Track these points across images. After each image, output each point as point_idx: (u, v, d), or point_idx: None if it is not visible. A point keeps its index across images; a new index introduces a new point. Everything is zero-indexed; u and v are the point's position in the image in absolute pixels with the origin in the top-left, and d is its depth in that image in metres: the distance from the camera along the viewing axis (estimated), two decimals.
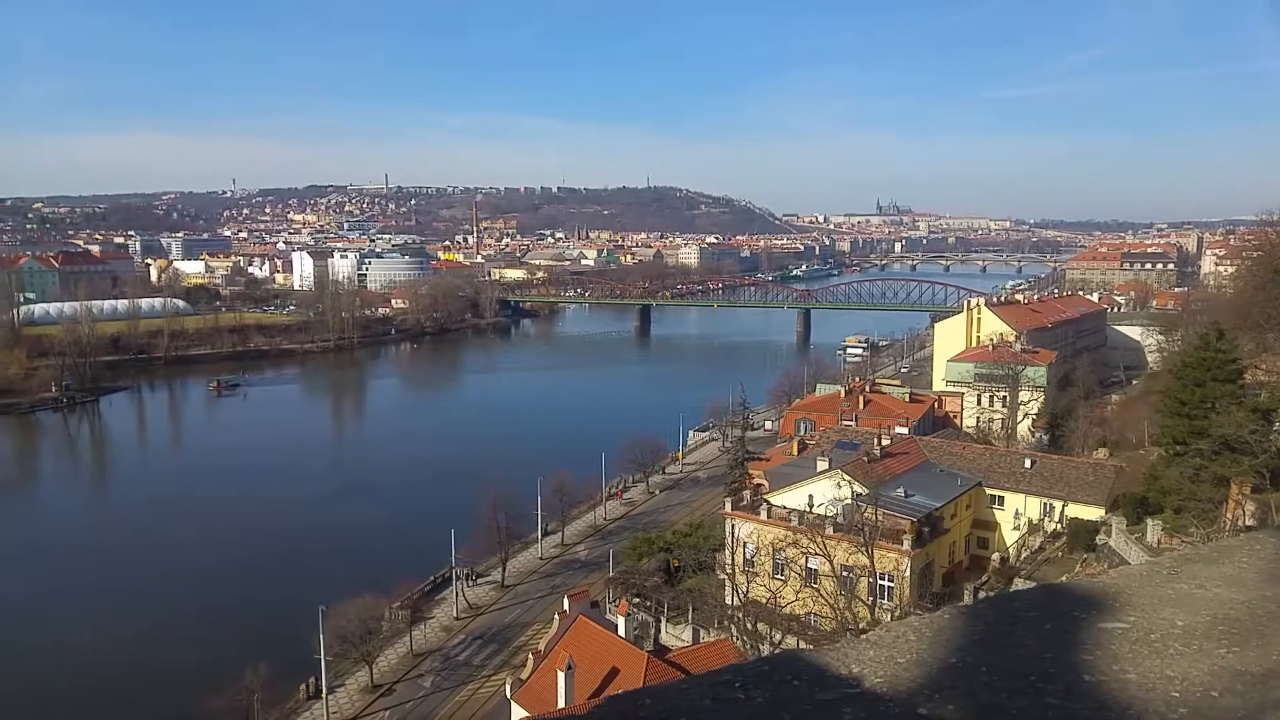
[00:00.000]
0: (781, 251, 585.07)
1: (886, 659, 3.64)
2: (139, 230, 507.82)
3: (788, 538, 57.01)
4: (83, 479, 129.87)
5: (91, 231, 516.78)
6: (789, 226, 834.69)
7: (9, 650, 66.37)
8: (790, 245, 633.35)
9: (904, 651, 3.69)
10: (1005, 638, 3.77)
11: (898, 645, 3.75)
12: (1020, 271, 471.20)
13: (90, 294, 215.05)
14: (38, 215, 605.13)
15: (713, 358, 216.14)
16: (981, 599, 4.90)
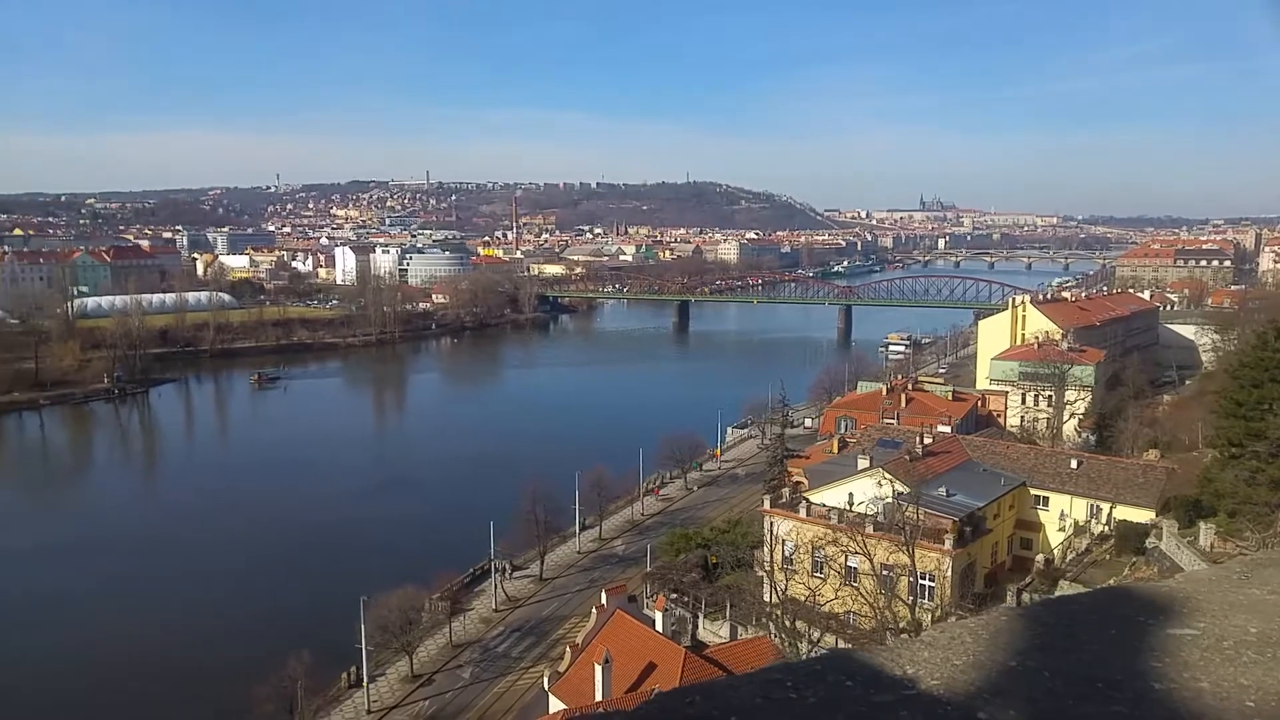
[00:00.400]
0: (823, 247, 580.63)
1: (942, 661, 3.54)
2: (186, 225, 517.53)
3: (827, 536, 56.56)
4: (133, 469, 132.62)
5: (141, 226, 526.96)
6: (830, 222, 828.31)
7: (64, 637, 68.15)
8: (831, 241, 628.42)
9: (960, 653, 3.60)
10: (1066, 642, 3.66)
11: (953, 647, 3.66)
12: (1068, 268, 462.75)
13: (140, 288, 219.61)
14: (91, 211, 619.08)
15: (752, 354, 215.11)
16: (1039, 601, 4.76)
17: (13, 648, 66.33)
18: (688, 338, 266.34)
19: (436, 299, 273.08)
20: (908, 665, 3.52)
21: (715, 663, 45.79)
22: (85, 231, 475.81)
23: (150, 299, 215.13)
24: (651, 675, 44.88)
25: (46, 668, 63.29)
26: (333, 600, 65.76)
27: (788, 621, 51.64)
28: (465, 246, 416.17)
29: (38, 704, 58.58)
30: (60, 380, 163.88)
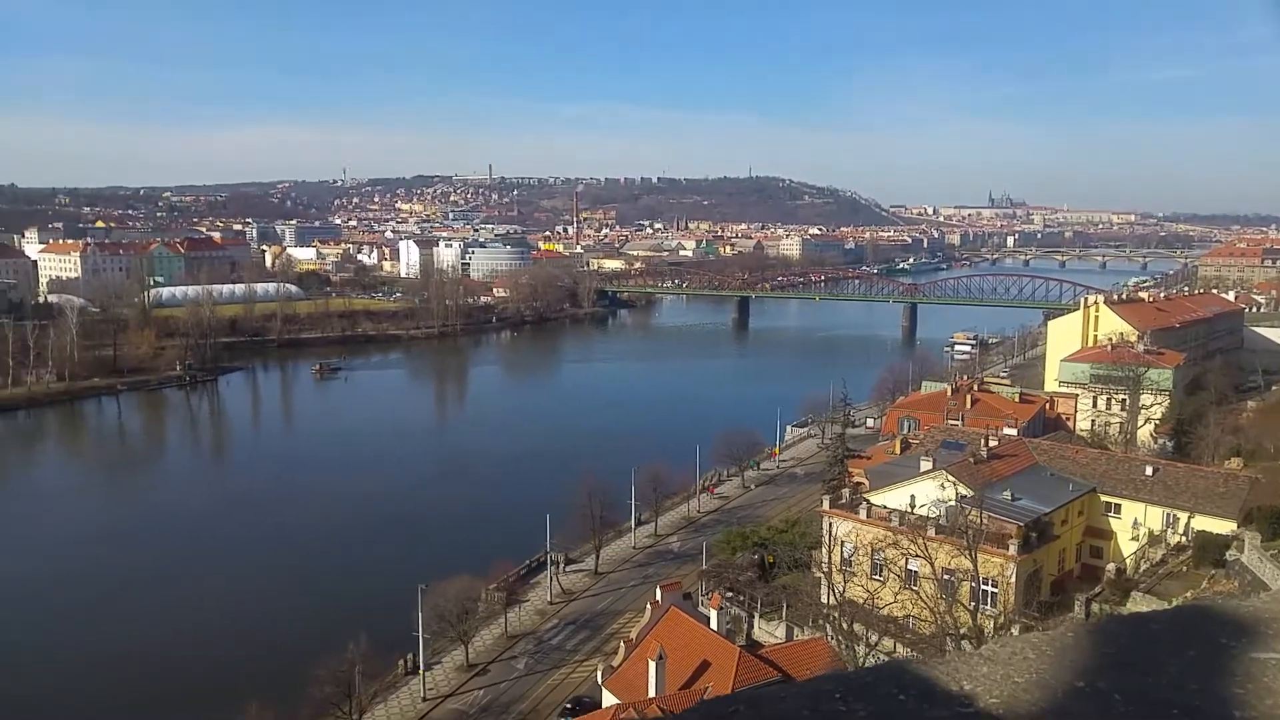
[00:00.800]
0: (887, 244, 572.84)
1: (1003, 677, 3.31)
2: (256, 218, 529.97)
3: (887, 538, 55.66)
4: (201, 455, 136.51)
5: (213, 219, 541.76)
6: (896, 218, 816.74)
7: (135, 614, 70.73)
8: (897, 238, 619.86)
9: (1023, 670, 3.36)
10: (1141, 662, 3.40)
11: (1015, 663, 3.42)
12: (1145, 267, 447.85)
13: (211, 278, 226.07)
14: (167, 204, 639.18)
15: (813, 352, 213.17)
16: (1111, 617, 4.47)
17: (86, 624, 68.93)
18: (747, 334, 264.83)
19: (497, 293, 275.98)
20: (965, 680, 3.30)
21: (770, 663, 45.44)
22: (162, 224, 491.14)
23: (221, 289, 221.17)
24: (705, 673, 44.71)
25: (117, 643, 65.68)
26: (390, 587, 66.91)
27: (845, 624, 50.98)
28: (526, 241, 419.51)
29: (109, 677, 60.67)
30: (136, 367, 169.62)
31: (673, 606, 49.13)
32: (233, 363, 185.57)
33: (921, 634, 51.20)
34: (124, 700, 58.58)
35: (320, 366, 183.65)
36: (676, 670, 44.37)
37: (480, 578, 68.64)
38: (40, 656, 64.15)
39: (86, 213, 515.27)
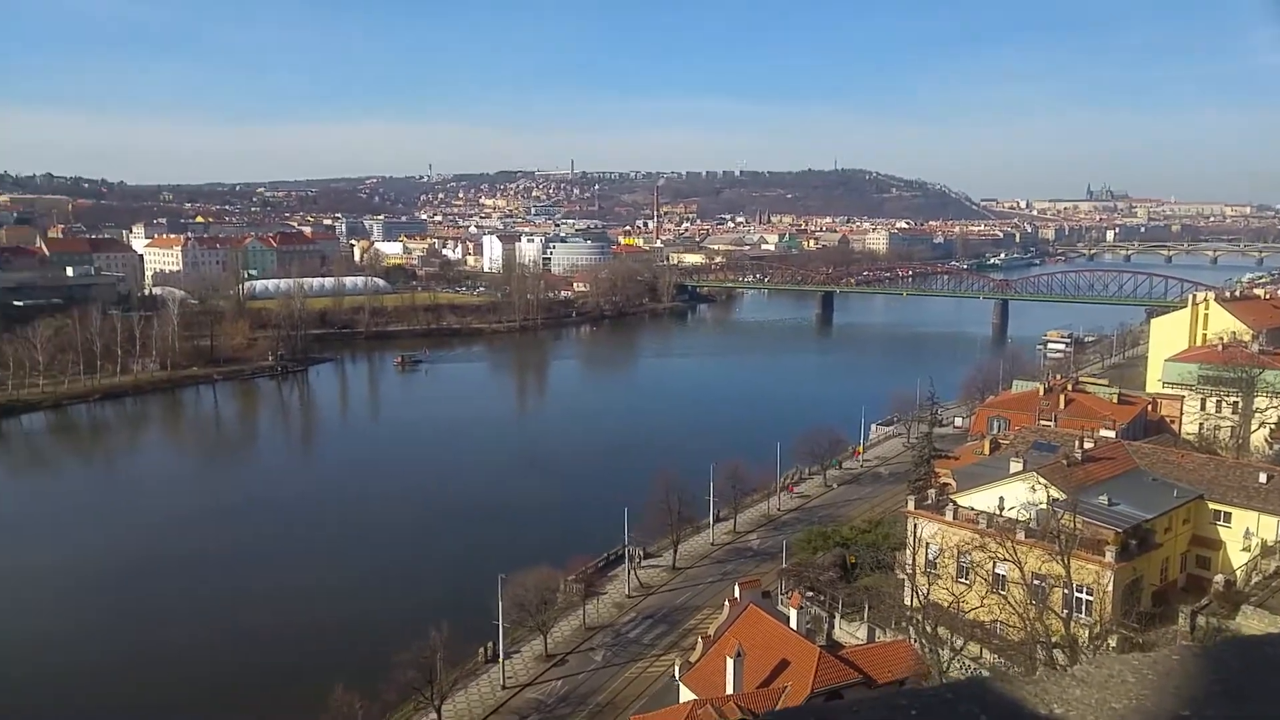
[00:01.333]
0: (978, 238, 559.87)
1: (1098, 702, 2.94)
2: (345, 213, 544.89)
3: (975, 540, 54.02)
4: (291, 443, 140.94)
5: (304, 214, 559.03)
6: (987, 212, 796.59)
7: (234, 594, 73.29)
8: (988, 232, 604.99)
9: (1121, 695, 2.96)
10: (1256, 692, 2.98)
11: (1112, 686, 3.02)
12: (1261, 263, 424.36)
13: (302, 272, 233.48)
14: (261, 199, 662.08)
15: (899, 349, 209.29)
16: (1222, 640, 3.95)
17: (189, 600, 71.82)
18: (831, 330, 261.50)
19: (577, 287, 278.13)
20: (1055, 703, 2.90)
21: (851, 664, 44.68)
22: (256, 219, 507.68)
23: (311, 283, 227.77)
24: (784, 672, 44.18)
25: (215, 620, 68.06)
26: (471, 576, 67.89)
27: (929, 627, 49.67)
28: (606, 235, 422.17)
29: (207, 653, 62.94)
30: (231, 357, 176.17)
31: (751, 604, 48.68)
32: (322, 354, 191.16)
33: (1009, 640, 49.59)
34: (219, 673, 60.56)
35: (402, 359, 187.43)
36: (755, 668, 43.95)
37: (559, 569, 69.16)
38: (149, 629, 67.07)
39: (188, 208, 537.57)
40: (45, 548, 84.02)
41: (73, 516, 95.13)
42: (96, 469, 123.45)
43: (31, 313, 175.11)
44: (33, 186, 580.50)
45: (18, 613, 69.83)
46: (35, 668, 61.53)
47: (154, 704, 57.04)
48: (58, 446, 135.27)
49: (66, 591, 73.78)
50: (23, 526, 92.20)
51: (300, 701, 48.99)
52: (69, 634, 65.88)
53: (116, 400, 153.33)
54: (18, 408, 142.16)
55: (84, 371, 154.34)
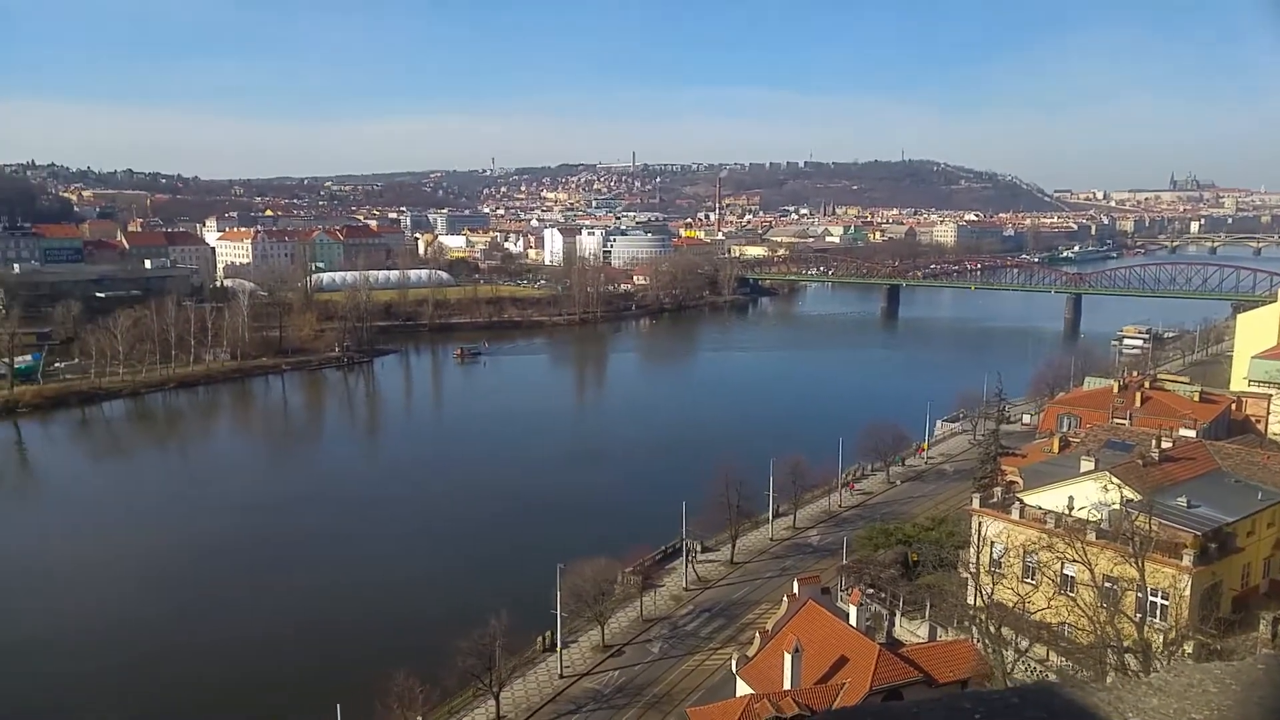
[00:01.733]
0: (1050, 231, 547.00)
1: (1177, 711, 2.78)
2: (410, 206, 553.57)
3: (1042, 540, 52.50)
4: (357, 432, 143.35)
5: (370, 207, 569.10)
6: (1060, 204, 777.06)
7: (301, 578, 75.04)
8: (1061, 224, 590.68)
9: (1201, 705, 2.78)
10: None
11: (1191, 696, 2.79)
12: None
13: (368, 264, 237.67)
14: (328, 193, 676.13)
15: (966, 344, 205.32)
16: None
17: (257, 584, 73.60)
18: (896, 324, 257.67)
19: (637, 280, 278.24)
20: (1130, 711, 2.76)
21: (911, 663, 43.84)
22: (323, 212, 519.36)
23: (377, 275, 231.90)
24: (843, 669, 43.52)
25: (282, 602, 69.77)
26: (530, 565, 68.19)
27: (993, 627, 48.35)
28: (667, 228, 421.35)
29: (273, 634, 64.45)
30: (299, 348, 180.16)
31: (810, 600, 47.97)
32: (387, 345, 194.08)
33: (1078, 643, 48.05)
34: (285, 657, 61.96)
35: (461, 351, 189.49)
36: (813, 664, 43.34)
37: (617, 560, 69.18)
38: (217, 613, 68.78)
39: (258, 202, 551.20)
40: (122, 531, 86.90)
41: (148, 502, 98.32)
42: (171, 456, 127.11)
43: (112, 304, 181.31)
44: (114, 182, 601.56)
45: (94, 593, 72.08)
46: (111, 648, 63.48)
47: (220, 686, 58.40)
48: (135, 433, 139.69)
49: (140, 575, 76.13)
50: (102, 510, 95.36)
51: (363, 686, 49.58)
52: (143, 616, 68.05)
53: (190, 389, 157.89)
54: (99, 395, 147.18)
55: (160, 361, 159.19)
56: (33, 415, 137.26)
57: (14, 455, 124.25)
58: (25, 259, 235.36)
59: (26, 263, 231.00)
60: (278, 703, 55.81)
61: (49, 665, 61.12)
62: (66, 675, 59.93)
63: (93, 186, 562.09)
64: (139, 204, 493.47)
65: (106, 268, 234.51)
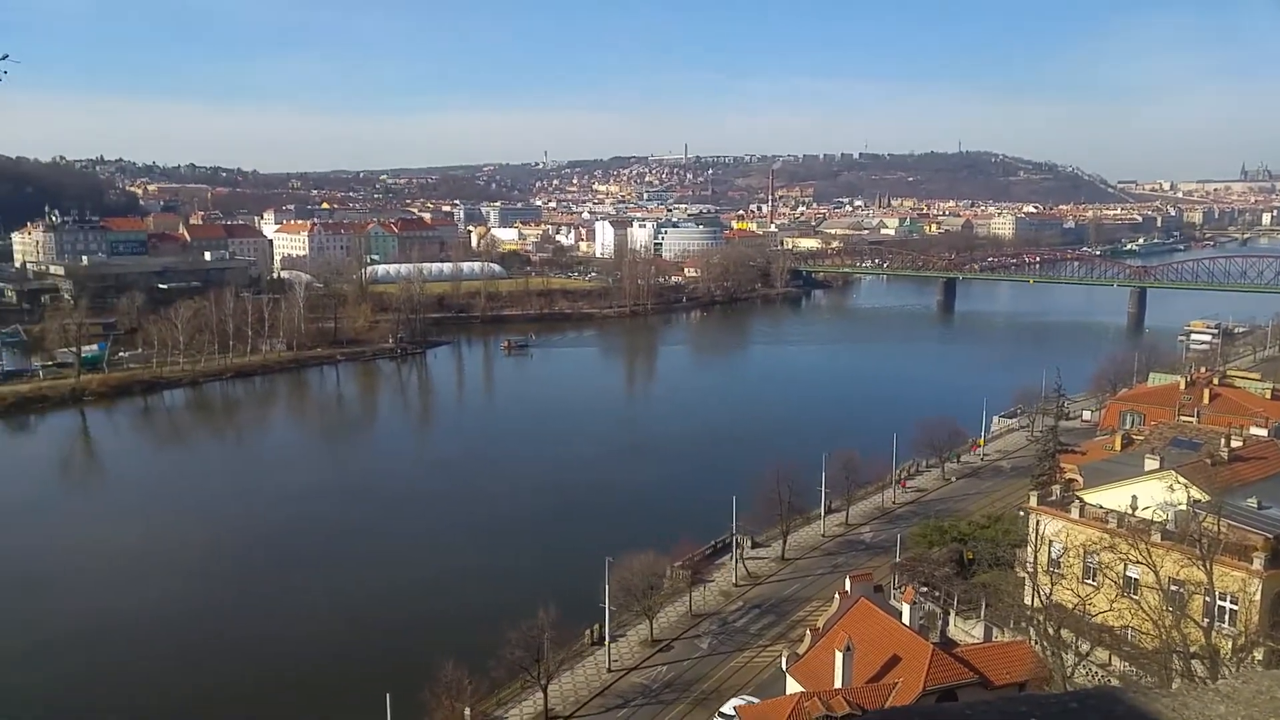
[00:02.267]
0: (1113, 223, 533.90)
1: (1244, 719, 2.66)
2: (463, 199, 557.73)
3: (1103, 541, 51.02)
4: (410, 423, 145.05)
5: (424, 200, 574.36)
6: (1124, 195, 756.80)
7: (352, 567, 76.01)
8: (1125, 216, 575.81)
9: (1269, 712, 2.78)
10: None
11: (1260, 704, 2.77)
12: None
13: (422, 257, 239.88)
14: (383, 186, 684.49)
15: (1025, 338, 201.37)
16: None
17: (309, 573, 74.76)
18: (952, 318, 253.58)
19: (688, 272, 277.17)
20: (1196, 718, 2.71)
21: (966, 663, 43.10)
22: (378, 205, 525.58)
23: (430, 268, 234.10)
24: (895, 668, 42.90)
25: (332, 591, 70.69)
26: (578, 558, 68.09)
27: (1051, 629, 47.04)
28: (719, 220, 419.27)
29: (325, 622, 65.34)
30: (353, 339, 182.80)
31: (863, 598, 47.34)
32: (439, 337, 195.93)
33: (1142, 648, 46.56)
34: (333, 645, 62.69)
35: (509, 343, 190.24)
36: (864, 663, 42.75)
37: (665, 555, 68.75)
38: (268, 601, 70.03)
39: (314, 195, 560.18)
40: (180, 519, 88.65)
41: (206, 490, 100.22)
42: (228, 445, 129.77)
43: (174, 295, 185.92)
44: (177, 176, 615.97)
45: (152, 580, 73.64)
46: (166, 634, 64.71)
47: (273, 672, 59.40)
48: (194, 422, 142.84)
49: (196, 562, 77.49)
50: (161, 498, 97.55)
51: (411, 676, 49.91)
52: (198, 603, 69.30)
53: (246, 379, 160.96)
54: (160, 384, 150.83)
55: (218, 351, 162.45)
56: (98, 403, 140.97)
57: (80, 443, 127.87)
58: (93, 251, 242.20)
59: (94, 255, 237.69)
60: (329, 690, 56.58)
61: (107, 649, 62.57)
62: (124, 659, 61.38)
63: (157, 181, 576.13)
64: (200, 197, 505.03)
65: (169, 260, 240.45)
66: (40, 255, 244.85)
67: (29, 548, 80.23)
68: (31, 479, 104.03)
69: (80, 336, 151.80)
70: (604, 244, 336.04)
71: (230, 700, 56.51)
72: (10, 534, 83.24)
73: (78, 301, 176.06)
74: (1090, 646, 47.42)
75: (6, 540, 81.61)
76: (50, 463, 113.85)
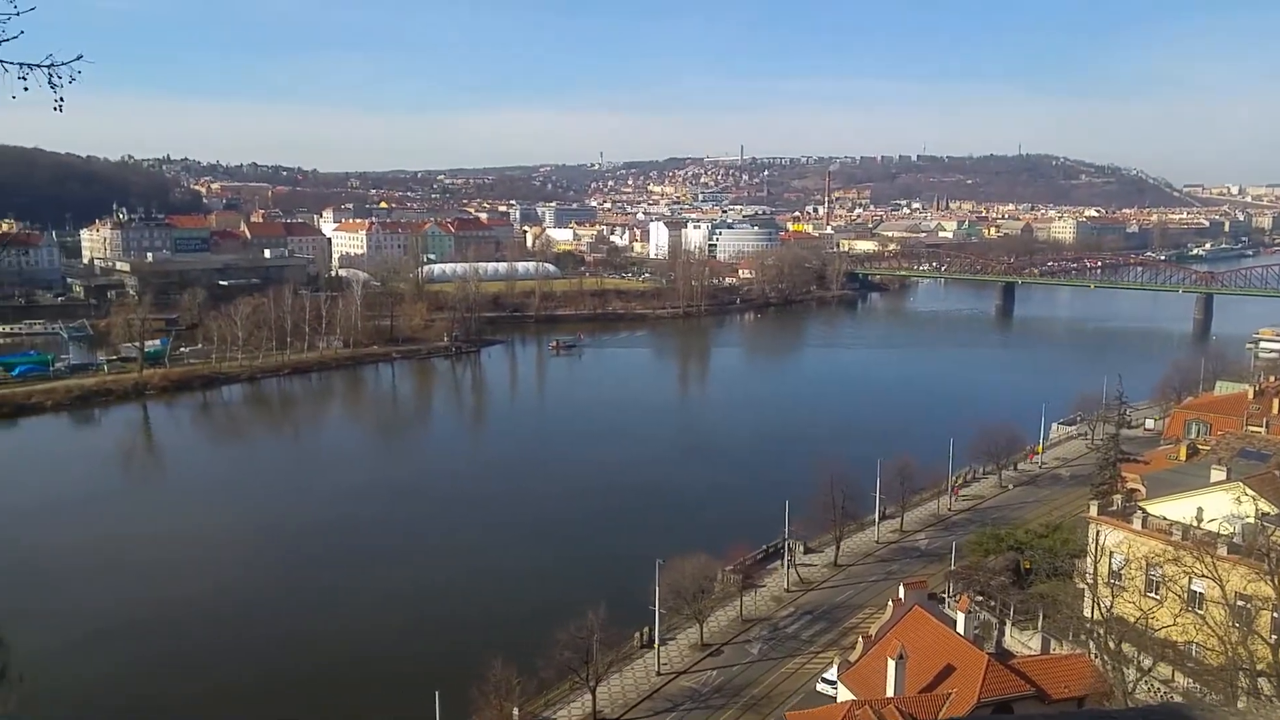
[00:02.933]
0: (1179, 228, 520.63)
1: None
2: (519, 200, 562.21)
3: (1167, 553, 49.64)
4: (464, 421, 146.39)
5: (481, 200, 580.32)
6: (1190, 199, 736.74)
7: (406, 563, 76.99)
8: (1191, 220, 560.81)
9: None
10: None
11: None
12: None
13: (478, 256, 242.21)
14: (441, 186, 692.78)
15: (1085, 344, 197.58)
16: None
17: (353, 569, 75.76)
18: (1011, 322, 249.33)
19: (742, 274, 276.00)
20: None
21: (1023, 675, 42.25)
22: (435, 205, 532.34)
23: (485, 267, 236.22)
24: (949, 678, 42.20)
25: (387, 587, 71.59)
26: (629, 559, 68.12)
27: (1112, 642, 45.94)
28: (774, 222, 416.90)
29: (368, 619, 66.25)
30: (409, 337, 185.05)
31: (916, 605, 46.64)
32: (494, 336, 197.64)
33: (1206, 664, 45.22)
34: (387, 638, 63.39)
35: (557, 344, 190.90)
36: (917, 671, 42.13)
37: (717, 558, 68.41)
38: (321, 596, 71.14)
39: (372, 194, 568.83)
40: (236, 513, 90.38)
41: (261, 485, 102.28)
42: (283, 440, 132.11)
43: (234, 291, 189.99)
44: (240, 175, 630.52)
45: (206, 573, 74.57)
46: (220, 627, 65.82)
47: (324, 667, 60.21)
48: (251, 417, 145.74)
49: (251, 556, 78.70)
50: (218, 492, 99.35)
51: (461, 675, 50.28)
52: (251, 597, 70.44)
53: (303, 375, 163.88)
54: (219, 379, 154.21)
55: (276, 347, 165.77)
56: (159, 397, 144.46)
57: (141, 436, 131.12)
58: (158, 248, 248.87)
59: (159, 252, 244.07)
60: (379, 687, 57.17)
61: (164, 639, 63.77)
62: (180, 648, 62.39)
63: (220, 179, 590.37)
64: (262, 196, 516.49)
65: (230, 257, 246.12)
66: (107, 252, 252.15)
67: (92, 538, 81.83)
68: (96, 471, 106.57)
69: (144, 332, 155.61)
70: (658, 245, 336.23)
71: (284, 690, 57.61)
72: (75, 525, 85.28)
73: (142, 297, 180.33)
74: (1153, 662, 46.22)
75: (71, 531, 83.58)
76: (113, 455, 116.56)
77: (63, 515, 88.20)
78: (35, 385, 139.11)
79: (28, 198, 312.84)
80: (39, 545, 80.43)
